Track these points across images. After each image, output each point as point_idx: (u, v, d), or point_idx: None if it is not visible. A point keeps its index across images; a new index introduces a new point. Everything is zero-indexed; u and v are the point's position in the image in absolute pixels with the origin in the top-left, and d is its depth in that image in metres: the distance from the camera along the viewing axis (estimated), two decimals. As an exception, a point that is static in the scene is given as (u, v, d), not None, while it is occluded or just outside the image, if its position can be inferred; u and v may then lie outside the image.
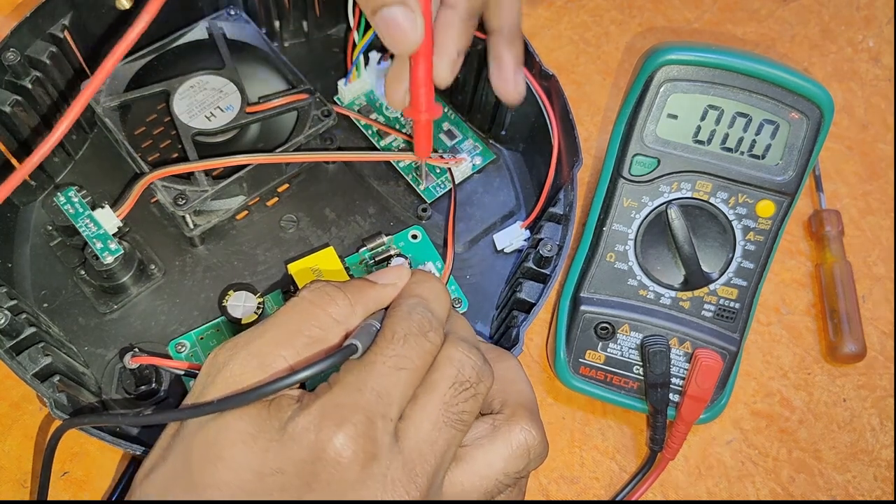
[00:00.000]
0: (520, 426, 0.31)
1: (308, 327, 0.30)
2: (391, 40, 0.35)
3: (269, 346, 0.29)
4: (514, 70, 0.41)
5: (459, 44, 0.38)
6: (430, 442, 0.28)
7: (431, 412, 0.29)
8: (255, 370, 0.29)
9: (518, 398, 0.32)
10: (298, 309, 0.30)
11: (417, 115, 0.39)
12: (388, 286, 0.32)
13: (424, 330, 0.30)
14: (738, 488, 0.44)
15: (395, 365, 0.28)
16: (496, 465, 0.30)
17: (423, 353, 0.29)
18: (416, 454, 0.28)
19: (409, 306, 0.31)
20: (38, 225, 0.45)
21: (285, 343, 0.29)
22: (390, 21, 0.34)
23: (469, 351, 0.30)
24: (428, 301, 0.31)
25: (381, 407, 0.28)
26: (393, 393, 0.28)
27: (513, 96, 0.41)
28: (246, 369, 0.29)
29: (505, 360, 0.34)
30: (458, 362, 0.30)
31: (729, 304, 0.42)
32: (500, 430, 0.31)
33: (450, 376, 0.29)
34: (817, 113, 0.40)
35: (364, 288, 0.32)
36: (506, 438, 0.30)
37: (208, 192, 0.42)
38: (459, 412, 0.29)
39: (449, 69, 0.38)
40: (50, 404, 0.36)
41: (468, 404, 0.29)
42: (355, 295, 0.31)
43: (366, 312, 0.31)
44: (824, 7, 0.59)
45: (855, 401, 0.46)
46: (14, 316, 0.37)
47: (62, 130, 0.33)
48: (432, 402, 0.29)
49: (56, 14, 0.44)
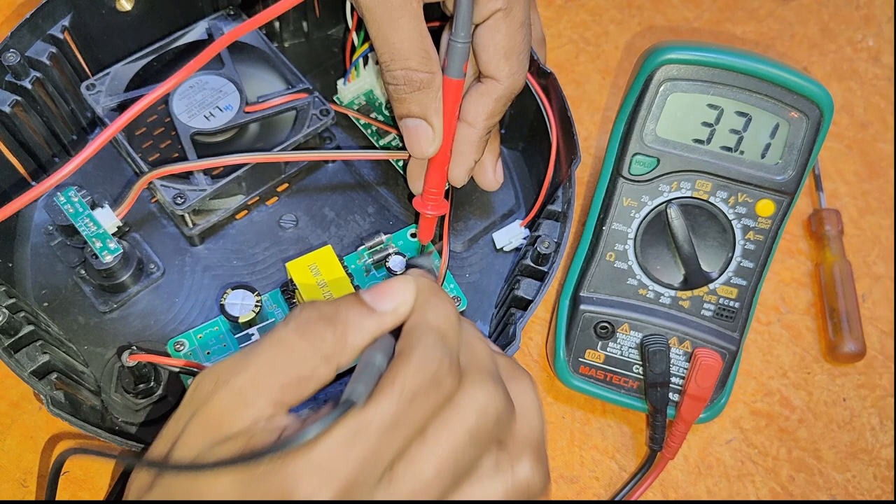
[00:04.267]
0: (523, 466, 0.29)
1: (294, 366, 0.28)
2: (409, 147, 0.39)
3: (252, 384, 0.27)
4: (493, 165, 0.44)
5: (477, 156, 0.41)
6: (427, 487, 0.26)
7: (439, 458, 0.26)
8: (238, 409, 0.27)
9: (527, 432, 0.30)
10: (284, 345, 0.28)
11: (423, 210, 0.42)
12: (388, 315, 0.29)
13: (440, 378, 0.27)
14: (737, 488, 0.44)
15: (393, 427, 0.26)
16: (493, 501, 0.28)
17: (434, 407, 0.27)
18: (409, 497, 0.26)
19: (424, 351, 0.27)
20: (39, 225, 0.45)
21: (269, 381, 0.27)
22: (411, 131, 0.38)
23: (495, 391, 0.28)
24: (444, 335, 0.28)
25: (366, 471, 0.26)
26: (384, 455, 0.26)
27: (493, 187, 0.45)
28: (226, 409, 0.27)
29: (519, 381, 0.31)
30: (480, 407, 0.27)
31: (729, 303, 0.42)
32: (502, 467, 0.28)
33: (468, 421, 0.27)
34: (817, 112, 0.40)
35: (359, 318, 0.28)
36: (507, 479, 0.28)
37: (207, 191, 0.42)
38: (469, 462, 0.27)
39: (465, 175, 0.41)
40: (46, 401, 0.36)
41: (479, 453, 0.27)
42: (347, 329, 0.28)
43: (361, 346, 0.28)
44: (824, 6, 0.59)
45: (855, 400, 0.46)
46: (12, 314, 0.37)
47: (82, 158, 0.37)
48: (442, 449, 0.26)
49: (56, 15, 0.44)
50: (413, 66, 0.36)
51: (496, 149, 0.44)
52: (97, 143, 0.37)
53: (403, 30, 0.36)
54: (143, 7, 0.46)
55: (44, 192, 0.37)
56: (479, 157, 0.41)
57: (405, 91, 0.37)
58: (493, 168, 0.44)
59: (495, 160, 0.44)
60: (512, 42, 0.38)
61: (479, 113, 0.39)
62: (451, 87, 0.38)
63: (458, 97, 0.38)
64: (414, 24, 0.36)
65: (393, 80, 0.37)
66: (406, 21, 0.36)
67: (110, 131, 0.37)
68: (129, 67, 0.46)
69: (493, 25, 0.37)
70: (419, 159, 0.41)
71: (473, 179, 0.44)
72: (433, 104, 0.37)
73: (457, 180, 0.41)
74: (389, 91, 0.38)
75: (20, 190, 0.45)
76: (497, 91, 0.39)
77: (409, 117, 0.38)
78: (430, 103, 0.37)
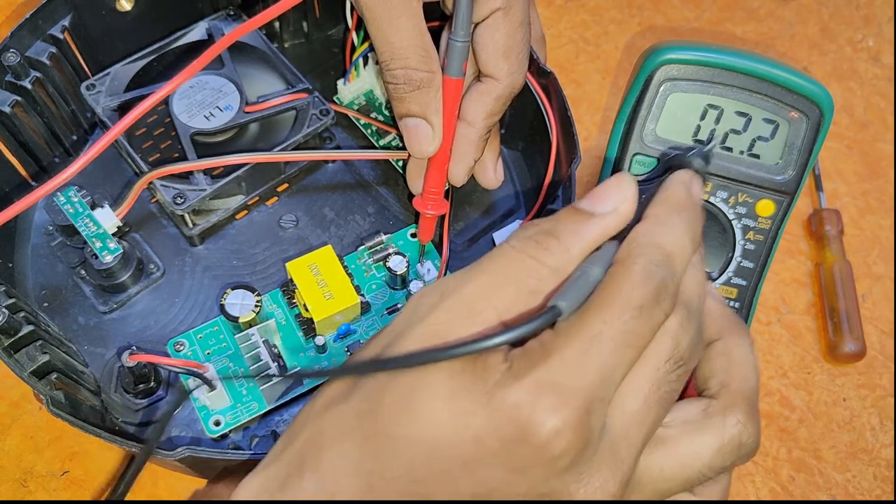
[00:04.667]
0: (735, 418, 0.28)
1: (522, 278, 0.26)
2: (409, 146, 0.39)
3: (480, 293, 0.26)
4: (493, 163, 0.44)
5: (477, 155, 0.41)
6: (637, 422, 0.26)
7: (643, 388, 0.26)
8: (464, 319, 0.26)
9: (739, 385, 0.29)
10: (509, 258, 0.27)
11: (423, 210, 0.42)
12: (609, 216, 0.27)
13: (661, 299, 0.26)
14: (737, 488, 0.44)
15: (624, 342, 0.25)
16: (703, 456, 0.27)
17: (655, 326, 0.26)
18: (623, 435, 0.25)
19: (648, 266, 0.26)
20: (39, 225, 0.45)
21: (498, 292, 0.26)
22: (411, 130, 0.38)
23: (687, 322, 0.27)
24: (672, 258, 0.27)
25: (602, 391, 0.25)
26: (616, 374, 0.25)
27: (493, 185, 0.45)
28: (453, 317, 0.26)
29: (736, 333, 0.30)
30: (675, 335, 0.27)
31: (729, 303, 0.42)
32: (713, 418, 0.28)
33: (666, 350, 0.26)
34: (817, 112, 0.39)
35: (580, 225, 0.27)
36: (718, 430, 0.28)
37: (207, 191, 0.42)
38: (669, 390, 0.26)
39: (465, 174, 0.41)
40: (46, 402, 0.36)
41: (677, 382, 0.27)
42: (571, 238, 0.27)
43: (585, 255, 0.27)
44: (824, 6, 0.59)
45: (855, 400, 0.46)
46: (12, 314, 0.37)
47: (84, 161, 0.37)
48: (645, 378, 0.26)
49: (56, 15, 0.44)
50: (413, 65, 0.36)
51: (496, 147, 0.44)
52: (99, 145, 0.37)
53: (403, 29, 0.36)
54: (143, 7, 0.46)
55: (45, 195, 0.37)
56: (478, 156, 0.41)
57: (405, 90, 0.37)
58: (493, 166, 0.44)
59: (495, 159, 0.44)
60: (511, 41, 0.38)
61: (479, 112, 0.39)
62: (451, 86, 0.38)
63: (457, 96, 0.38)
64: (414, 23, 0.36)
65: (393, 80, 0.37)
66: (406, 20, 0.36)
67: (112, 134, 0.37)
68: (129, 68, 0.46)
69: (492, 24, 0.37)
70: (419, 159, 0.41)
71: (474, 179, 0.44)
72: (433, 103, 0.37)
73: (457, 179, 0.41)
74: (389, 90, 0.38)
75: (20, 190, 0.45)
76: (497, 90, 0.39)
77: (409, 116, 0.38)
78: (430, 102, 0.37)
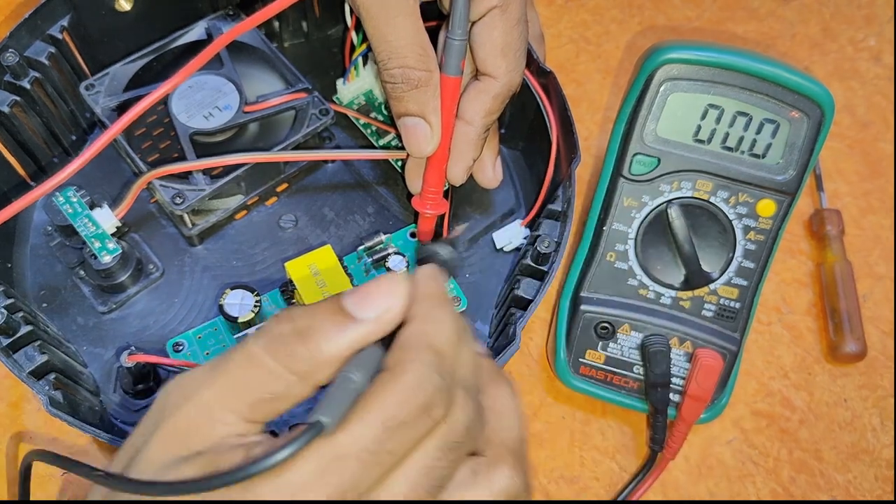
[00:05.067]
0: (502, 473, 0.27)
1: (264, 384, 0.25)
2: (407, 145, 0.39)
3: (220, 399, 0.25)
4: (492, 162, 0.43)
5: (475, 154, 0.40)
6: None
7: (411, 476, 0.25)
8: (202, 427, 0.25)
9: (504, 437, 0.29)
10: (251, 362, 0.25)
11: (422, 210, 0.42)
12: (370, 323, 0.25)
13: (431, 407, 0.24)
14: (738, 488, 0.44)
15: (373, 459, 0.24)
16: None
17: (419, 438, 0.25)
18: None
19: (419, 376, 0.25)
20: (38, 225, 0.45)
21: (236, 398, 0.25)
22: (409, 129, 0.38)
23: (465, 403, 0.26)
24: (443, 357, 0.25)
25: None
26: (358, 487, 0.24)
27: (492, 185, 0.44)
28: (192, 423, 0.25)
29: (498, 385, 0.30)
30: (451, 421, 0.26)
31: (729, 303, 0.42)
32: (480, 475, 0.27)
33: (439, 437, 0.25)
34: (818, 112, 0.39)
35: (337, 328, 0.25)
36: (485, 486, 0.27)
37: (206, 191, 0.42)
38: (441, 476, 0.26)
39: (464, 173, 0.41)
40: (45, 402, 0.36)
41: (452, 467, 0.26)
42: (323, 341, 0.25)
43: (340, 360, 0.25)
44: (825, 6, 0.58)
45: (856, 401, 0.46)
46: (10, 314, 0.37)
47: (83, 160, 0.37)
48: (414, 466, 0.25)
49: (55, 15, 0.44)
50: (410, 64, 0.36)
51: (495, 146, 0.44)
52: (97, 144, 0.37)
53: (400, 28, 0.36)
54: (142, 7, 0.46)
55: (44, 194, 0.37)
56: (477, 155, 0.41)
57: (403, 89, 0.37)
58: (492, 165, 0.44)
59: (494, 157, 0.44)
60: (508, 39, 0.37)
61: (477, 111, 0.39)
62: (449, 84, 0.37)
63: (455, 95, 0.38)
64: (411, 22, 0.36)
65: (390, 79, 0.37)
66: (403, 19, 0.36)
67: (111, 133, 0.37)
68: (128, 68, 0.46)
69: (489, 22, 0.37)
70: (417, 158, 0.40)
71: (473, 179, 0.44)
72: (431, 102, 0.37)
73: (455, 179, 0.41)
74: (387, 90, 0.38)
75: (19, 190, 0.45)
76: (494, 88, 0.39)
77: (407, 116, 0.38)
78: (428, 101, 0.37)
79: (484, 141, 0.40)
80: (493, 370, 0.30)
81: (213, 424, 0.25)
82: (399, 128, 0.39)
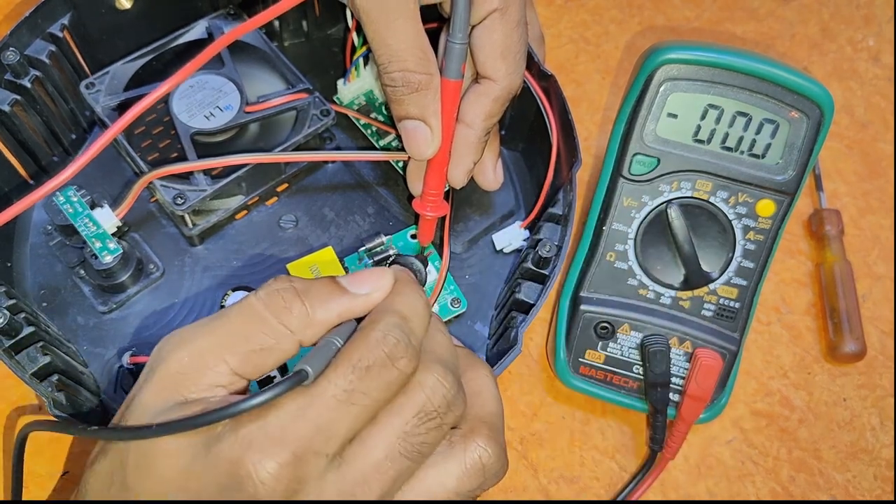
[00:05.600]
0: (476, 443, 0.29)
1: (257, 335, 0.28)
2: (408, 148, 0.39)
3: (213, 348, 0.28)
4: (493, 165, 0.44)
5: (476, 157, 0.41)
6: (377, 470, 0.27)
7: (387, 438, 0.27)
8: (195, 372, 0.28)
9: (480, 412, 0.31)
10: (249, 313, 0.28)
11: (423, 212, 0.42)
12: (361, 297, 0.29)
13: (395, 357, 0.28)
14: (738, 488, 0.44)
15: (346, 399, 0.26)
16: (448, 484, 0.29)
17: (387, 385, 0.27)
18: (360, 481, 0.27)
19: (384, 329, 0.28)
20: (38, 224, 0.45)
21: (230, 348, 0.28)
22: (410, 132, 0.38)
23: (444, 376, 0.28)
24: (407, 320, 0.29)
25: (317, 443, 0.26)
26: (335, 429, 0.26)
27: (493, 187, 0.44)
28: (184, 368, 0.28)
29: (475, 368, 0.32)
30: (429, 389, 0.28)
31: (729, 303, 0.42)
32: (455, 447, 0.29)
33: (417, 403, 0.28)
34: (817, 112, 0.40)
35: (330, 295, 0.29)
36: (460, 457, 0.29)
37: (207, 191, 0.42)
38: (419, 444, 0.27)
39: (464, 176, 0.41)
40: (49, 404, 0.36)
41: (430, 435, 0.28)
42: (317, 303, 0.29)
43: (327, 324, 0.29)
44: (824, 6, 0.58)
45: (855, 400, 0.46)
46: (13, 315, 0.37)
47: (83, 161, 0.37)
48: (391, 428, 0.27)
49: (55, 13, 0.44)
50: (411, 67, 0.36)
51: (496, 148, 0.44)
52: (98, 144, 0.37)
53: (400, 31, 0.36)
54: (142, 6, 0.46)
55: (44, 196, 0.37)
56: (477, 158, 0.41)
57: (403, 93, 0.37)
58: (493, 168, 0.44)
59: (495, 160, 0.44)
60: (508, 42, 0.38)
61: (478, 114, 0.39)
62: (450, 88, 0.37)
63: (456, 98, 0.38)
64: (411, 26, 0.36)
65: (391, 82, 0.37)
66: (403, 23, 0.36)
67: (111, 133, 0.37)
68: (128, 66, 0.46)
69: (489, 26, 0.37)
70: (418, 161, 0.40)
71: (474, 180, 0.44)
72: (431, 105, 0.37)
73: (456, 181, 0.41)
74: (387, 93, 0.38)
75: (19, 189, 0.45)
76: (494, 91, 0.39)
77: (408, 119, 0.38)
78: (429, 105, 0.37)
79: (484, 144, 0.41)
80: (470, 355, 0.34)
81: (205, 371, 0.28)
82: (399, 130, 0.39)
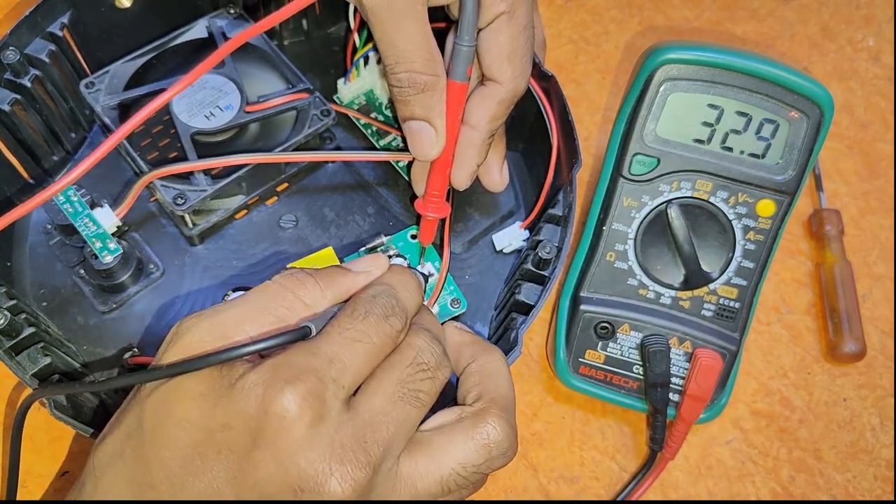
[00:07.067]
0: (486, 420, 0.31)
1: (275, 307, 0.30)
2: (412, 148, 0.39)
3: (233, 320, 0.30)
4: (499, 166, 0.44)
5: (480, 159, 0.41)
6: (382, 413, 0.29)
7: (387, 386, 0.29)
8: (215, 340, 0.29)
9: (493, 393, 0.32)
10: (268, 290, 0.31)
11: (425, 213, 0.42)
12: (361, 274, 0.33)
13: (387, 314, 0.31)
14: (738, 488, 0.44)
15: (351, 337, 0.29)
16: (454, 454, 0.30)
17: (383, 332, 0.30)
18: (368, 423, 0.28)
19: (375, 291, 0.32)
20: (37, 223, 0.45)
21: (250, 320, 0.30)
22: (415, 133, 0.38)
23: (431, 340, 0.31)
24: (396, 290, 0.32)
25: (333, 371, 0.28)
26: (346, 360, 0.29)
27: (499, 188, 0.45)
28: (205, 338, 0.29)
29: (489, 353, 0.34)
30: (417, 348, 0.31)
31: (729, 303, 0.42)
32: (465, 420, 0.31)
33: (408, 357, 0.30)
34: (817, 112, 0.40)
35: (336, 275, 0.32)
36: (468, 429, 0.30)
37: (207, 191, 0.42)
38: (415, 390, 0.30)
39: (468, 178, 0.41)
40: (49, 405, 0.36)
41: (425, 384, 0.30)
42: (326, 280, 0.32)
43: (336, 299, 0.32)
44: (824, 6, 0.58)
45: (855, 400, 0.46)
46: (13, 316, 0.37)
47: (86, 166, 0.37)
48: (388, 378, 0.30)
49: (55, 12, 0.44)
50: (417, 68, 0.36)
51: (502, 150, 0.44)
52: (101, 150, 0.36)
53: (408, 32, 0.36)
54: (142, 5, 0.46)
55: (47, 199, 0.36)
56: (482, 160, 0.41)
57: (409, 93, 0.37)
58: (499, 169, 0.44)
59: (501, 161, 0.44)
60: (515, 44, 0.38)
61: (482, 116, 0.39)
62: (455, 90, 0.37)
63: (461, 100, 0.38)
64: (418, 27, 0.36)
65: (397, 83, 0.37)
66: (410, 24, 0.36)
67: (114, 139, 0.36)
68: (128, 66, 0.46)
69: (496, 28, 0.37)
70: (422, 161, 0.40)
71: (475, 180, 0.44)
72: (437, 107, 0.37)
73: (459, 183, 0.41)
74: (393, 93, 0.38)
75: (19, 189, 0.45)
76: (500, 94, 0.39)
77: (413, 119, 0.38)
78: (434, 106, 0.37)
79: (489, 146, 0.41)
80: (484, 343, 0.35)
81: (224, 341, 0.29)
82: (404, 131, 0.39)
